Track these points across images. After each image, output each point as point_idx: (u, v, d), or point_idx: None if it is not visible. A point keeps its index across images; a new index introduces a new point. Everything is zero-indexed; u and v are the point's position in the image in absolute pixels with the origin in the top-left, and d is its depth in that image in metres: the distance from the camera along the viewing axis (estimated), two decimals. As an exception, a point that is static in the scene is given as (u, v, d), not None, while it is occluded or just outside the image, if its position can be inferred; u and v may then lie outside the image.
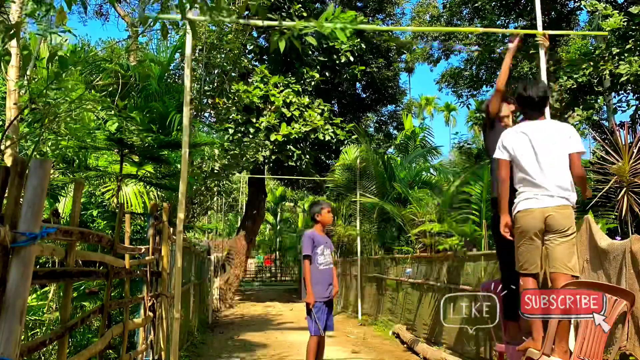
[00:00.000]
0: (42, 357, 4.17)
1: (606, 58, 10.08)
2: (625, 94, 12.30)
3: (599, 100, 11.77)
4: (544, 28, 5.49)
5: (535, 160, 3.68)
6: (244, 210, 23.11)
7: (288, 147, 13.40)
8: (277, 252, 32.91)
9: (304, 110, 13.36)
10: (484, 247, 7.29)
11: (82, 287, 5.04)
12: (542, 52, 4.74)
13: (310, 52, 14.22)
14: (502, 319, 4.05)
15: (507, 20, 15.45)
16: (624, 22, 9.60)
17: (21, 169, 1.67)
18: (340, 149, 14.05)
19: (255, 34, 14.08)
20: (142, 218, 6.64)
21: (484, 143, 5.11)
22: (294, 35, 2.98)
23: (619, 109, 12.99)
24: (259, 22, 3.84)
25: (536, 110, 3.93)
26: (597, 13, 10.60)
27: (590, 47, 11.73)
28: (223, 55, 10.85)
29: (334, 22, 2.93)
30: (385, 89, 17.86)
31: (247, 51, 14.17)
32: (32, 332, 4.34)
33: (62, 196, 6.46)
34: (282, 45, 2.97)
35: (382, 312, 10.54)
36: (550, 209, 3.57)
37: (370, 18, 17.10)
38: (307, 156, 13.91)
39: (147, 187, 7.00)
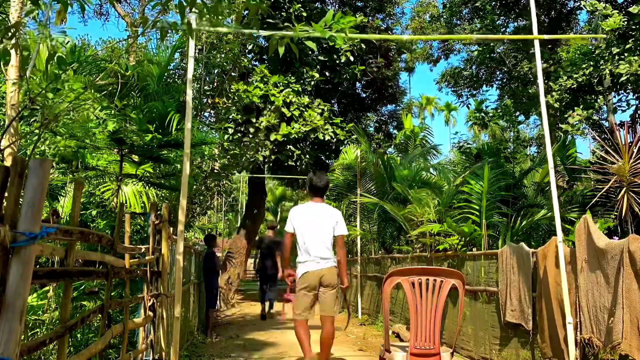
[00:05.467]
0: (42, 357, 4.17)
1: (606, 58, 10.07)
2: (625, 94, 12.31)
3: (598, 100, 11.76)
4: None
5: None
6: (243, 210, 23.08)
7: (288, 147, 13.39)
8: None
9: (303, 110, 13.34)
10: (484, 246, 7.29)
11: (82, 287, 5.04)
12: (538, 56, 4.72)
13: (310, 52, 14.21)
14: None
15: (507, 20, 15.45)
16: (623, 22, 9.59)
17: (21, 168, 1.68)
18: (340, 148, 14.04)
19: (254, 34, 14.07)
20: (142, 218, 6.64)
21: None
22: (293, 41, 2.99)
23: (619, 108, 13.01)
24: (260, 32, 3.87)
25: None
26: (597, 13, 10.59)
27: (590, 47, 11.72)
28: (223, 55, 10.86)
29: (334, 27, 2.95)
30: (385, 89, 17.85)
31: (247, 51, 14.16)
32: (32, 332, 4.34)
33: (62, 196, 6.45)
34: (281, 51, 2.98)
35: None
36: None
37: (370, 18, 17.07)
38: (307, 156, 13.90)
39: (147, 186, 7.00)
